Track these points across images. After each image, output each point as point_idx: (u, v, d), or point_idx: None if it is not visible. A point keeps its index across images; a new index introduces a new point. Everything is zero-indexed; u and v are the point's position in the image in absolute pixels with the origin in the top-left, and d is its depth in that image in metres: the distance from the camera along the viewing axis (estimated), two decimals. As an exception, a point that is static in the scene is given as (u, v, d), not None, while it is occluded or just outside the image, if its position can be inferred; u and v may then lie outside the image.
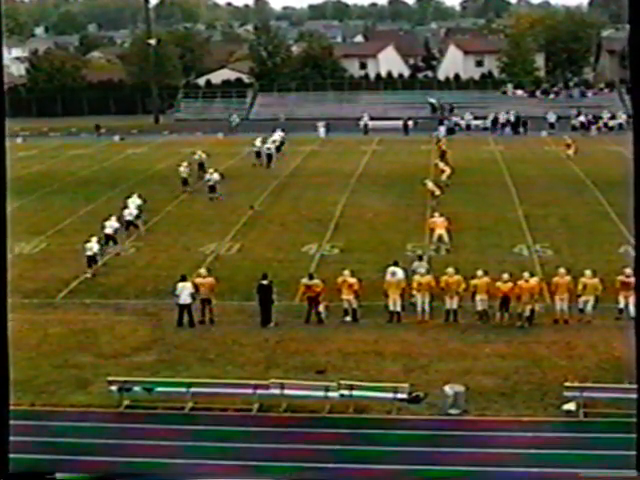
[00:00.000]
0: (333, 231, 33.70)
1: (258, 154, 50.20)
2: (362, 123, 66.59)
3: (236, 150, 56.10)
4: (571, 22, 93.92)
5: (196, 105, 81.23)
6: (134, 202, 34.65)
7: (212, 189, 40.05)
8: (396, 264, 24.35)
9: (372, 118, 67.76)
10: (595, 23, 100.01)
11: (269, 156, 49.74)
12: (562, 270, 23.15)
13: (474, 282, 22.95)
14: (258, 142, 50.93)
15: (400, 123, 65.82)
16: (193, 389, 18.24)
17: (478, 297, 22.85)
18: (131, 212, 33.51)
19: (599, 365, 19.90)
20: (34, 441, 16.19)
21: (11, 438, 10.20)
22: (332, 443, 16.66)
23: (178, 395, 18.33)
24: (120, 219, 32.09)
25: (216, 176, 40.46)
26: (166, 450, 16.51)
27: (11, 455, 10.17)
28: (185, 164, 43.24)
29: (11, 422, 10.22)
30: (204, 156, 45.11)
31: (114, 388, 18.40)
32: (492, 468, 15.67)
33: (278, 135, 54.83)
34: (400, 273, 23.81)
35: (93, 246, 28.15)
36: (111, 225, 30.84)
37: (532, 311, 22.65)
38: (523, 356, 20.66)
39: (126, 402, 18.44)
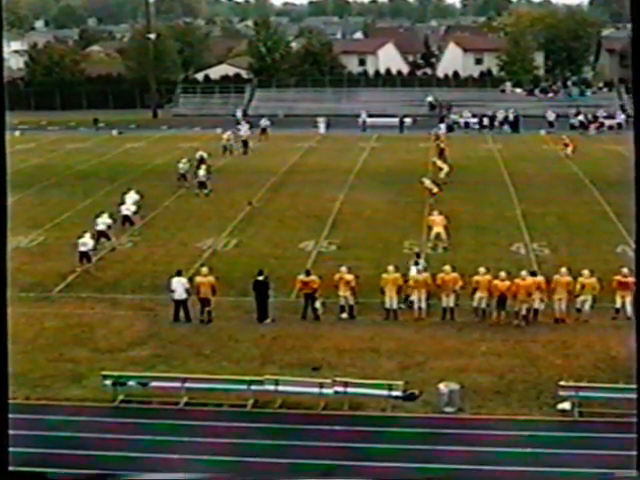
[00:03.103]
0: (331, 228, 33.65)
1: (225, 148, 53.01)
2: (360, 120, 66.45)
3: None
4: (571, 21, 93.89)
5: (194, 100, 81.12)
6: (131, 198, 34.69)
7: (201, 185, 40.08)
8: (418, 256, 25.20)
9: (370, 115, 67.68)
10: (595, 22, 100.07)
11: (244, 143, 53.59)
12: (563, 270, 23.06)
13: (476, 278, 22.91)
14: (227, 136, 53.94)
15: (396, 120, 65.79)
16: (188, 384, 18.23)
17: (478, 294, 22.82)
18: (128, 207, 33.55)
19: (595, 365, 19.90)
20: (28, 435, 16.15)
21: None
22: (326, 440, 16.65)
23: (173, 390, 18.32)
24: (112, 215, 32.08)
25: (201, 172, 40.46)
26: (160, 445, 16.49)
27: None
28: (185, 160, 43.19)
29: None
30: (205, 155, 45.12)
31: (109, 382, 18.39)
32: (486, 467, 15.66)
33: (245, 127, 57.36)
34: (415, 269, 23.98)
35: (86, 242, 28.09)
36: (103, 222, 30.79)
37: (535, 311, 22.65)
38: (519, 355, 20.66)
39: (121, 397, 18.43)
